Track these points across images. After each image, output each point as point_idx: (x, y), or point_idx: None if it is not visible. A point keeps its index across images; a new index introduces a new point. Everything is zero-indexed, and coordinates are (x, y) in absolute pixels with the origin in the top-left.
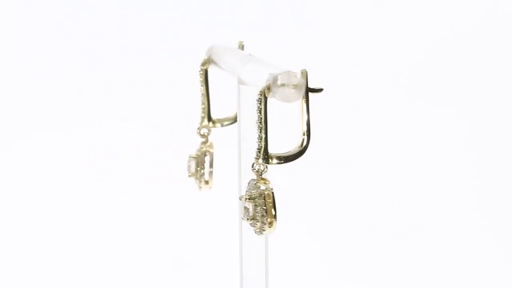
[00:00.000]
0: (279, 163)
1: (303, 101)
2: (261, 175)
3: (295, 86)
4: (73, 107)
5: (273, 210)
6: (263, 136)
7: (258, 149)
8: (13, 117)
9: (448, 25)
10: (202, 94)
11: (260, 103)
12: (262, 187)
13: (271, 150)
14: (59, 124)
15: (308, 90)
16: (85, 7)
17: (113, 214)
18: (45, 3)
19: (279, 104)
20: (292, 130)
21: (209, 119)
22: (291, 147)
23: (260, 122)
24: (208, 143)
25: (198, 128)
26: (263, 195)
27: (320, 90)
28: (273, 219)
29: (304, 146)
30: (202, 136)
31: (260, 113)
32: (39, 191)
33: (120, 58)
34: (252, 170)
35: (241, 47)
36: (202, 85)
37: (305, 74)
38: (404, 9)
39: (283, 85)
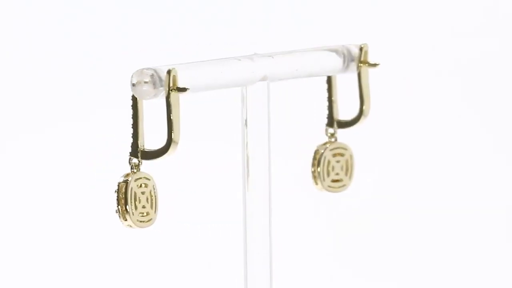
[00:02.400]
0: (142, 158)
1: (168, 99)
2: (132, 168)
3: (147, 83)
4: (73, 107)
5: (123, 204)
6: (133, 131)
7: (131, 144)
8: (13, 117)
9: (448, 25)
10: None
11: (132, 99)
12: (120, 180)
13: None
14: (59, 123)
15: (174, 89)
16: (85, 7)
17: (113, 213)
18: (45, 3)
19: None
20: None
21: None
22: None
23: (132, 118)
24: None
25: None
26: (120, 188)
27: (185, 89)
28: (124, 213)
29: (166, 144)
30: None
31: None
32: (38, 191)
33: (120, 58)
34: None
35: (366, 52)
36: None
37: (174, 71)
38: (404, 9)
39: (136, 83)
